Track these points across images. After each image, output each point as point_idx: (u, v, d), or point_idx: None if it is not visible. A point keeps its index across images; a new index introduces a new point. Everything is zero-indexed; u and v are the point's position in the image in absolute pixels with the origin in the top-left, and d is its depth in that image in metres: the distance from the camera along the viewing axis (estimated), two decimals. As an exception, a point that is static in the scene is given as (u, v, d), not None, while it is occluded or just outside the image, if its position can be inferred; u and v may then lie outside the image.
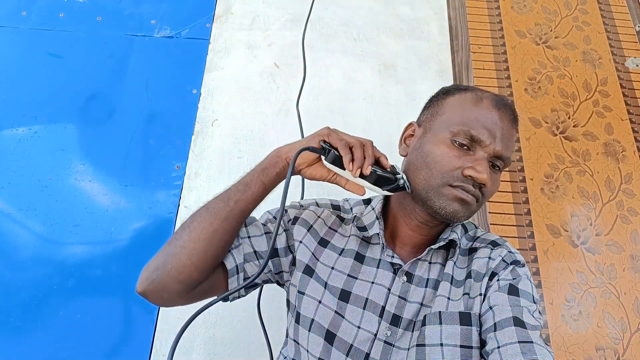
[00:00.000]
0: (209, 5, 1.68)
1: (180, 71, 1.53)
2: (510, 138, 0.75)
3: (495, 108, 0.74)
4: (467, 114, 0.74)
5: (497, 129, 0.73)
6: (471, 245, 0.81)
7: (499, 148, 0.72)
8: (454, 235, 0.78)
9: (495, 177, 0.75)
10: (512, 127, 0.75)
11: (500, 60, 1.65)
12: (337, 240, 0.82)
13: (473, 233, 0.83)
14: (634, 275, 1.30)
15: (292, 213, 0.84)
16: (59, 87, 1.47)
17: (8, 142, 1.38)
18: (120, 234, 1.27)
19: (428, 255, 0.78)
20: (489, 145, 0.72)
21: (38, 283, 1.20)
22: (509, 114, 0.75)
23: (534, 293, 0.73)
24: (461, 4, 1.76)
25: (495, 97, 0.76)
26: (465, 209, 0.72)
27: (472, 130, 0.72)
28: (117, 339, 1.15)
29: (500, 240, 0.81)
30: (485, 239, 0.81)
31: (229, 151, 1.41)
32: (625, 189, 1.43)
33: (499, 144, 0.72)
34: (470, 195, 0.72)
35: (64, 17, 1.60)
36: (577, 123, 1.53)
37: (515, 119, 0.77)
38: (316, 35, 1.64)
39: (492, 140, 0.72)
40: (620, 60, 1.66)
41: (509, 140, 0.74)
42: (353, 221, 0.83)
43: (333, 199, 0.90)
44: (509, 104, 0.77)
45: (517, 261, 0.76)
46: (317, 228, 0.82)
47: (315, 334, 0.74)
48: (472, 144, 0.73)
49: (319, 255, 0.80)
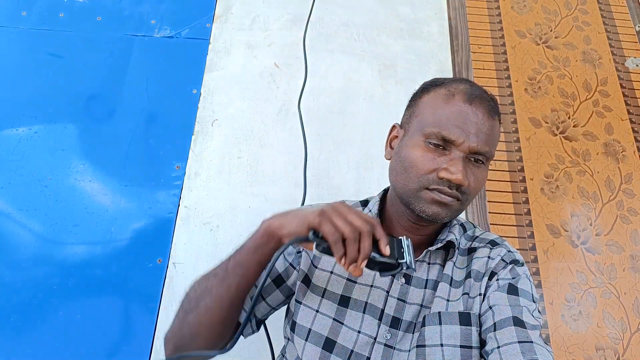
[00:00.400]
0: (209, 5, 1.68)
1: (180, 71, 1.53)
2: (490, 130, 0.72)
3: (467, 103, 0.71)
4: (439, 113, 0.72)
5: (471, 125, 0.70)
6: (470, 245, 0.80)
7: (474, 144, 0.70)
8: (452, 236, 0.77)
9: (477, 172, 0.72)
10: (489, 118, 0.72)
11: (500, 60, 1.65)
12: None
13: (472, 233, 0.83)
14: (634, 275, 1.30)
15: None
16: (59, 87, 1.47)
17: (8, 142, 1.38)
18: (120, 234, 1.27)
19: (426, 257, 0.77)
20: (462, 143, 0.70)
21: (38, 283, 1.20)
22: (484, 105, 0.72)
23: (533, 292, 0.73)
24: (461, 4, 1.76)
25: (469, 89, 0.73)
26: (446, 210, 0.71)
27: (443, 131, 0.70)
28: (117, 339, 1.15)
29: (499, 239, 0.81)
30: (484, 239, 0.81)
31: (229, 151, 1.41)
32: (625, 189, 1.43)
33: (473, 140, 0.70)
34: (448, 197, 0.70)
35: (64, 17, 1.60)
36: (577, 123, 1.53)
37: (493, 109, 0.73)
38: (316, 35, 1.64)
39: (466, 138, 0.70)
40: (620, 60, 1.66)
41: (487, 132, 0.71)
42: None
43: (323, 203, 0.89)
44: (484, 95, 0.74)
45: (516, 260, 0.76)
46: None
47: (313, 343, 0.74)
48: (446, 144, 0.71)
49: (317, 262, 0.80)
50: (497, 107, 0.74)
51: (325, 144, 1.44)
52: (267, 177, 1.38)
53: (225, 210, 1.32)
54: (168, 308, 1.19)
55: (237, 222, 1.30)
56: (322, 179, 1.38)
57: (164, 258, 1.25)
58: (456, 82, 0.76)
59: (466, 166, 0.70)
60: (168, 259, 1.25)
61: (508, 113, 1.55)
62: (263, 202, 1.34)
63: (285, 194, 1.35)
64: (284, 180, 1.37)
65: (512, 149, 1.48)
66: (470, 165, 0.71)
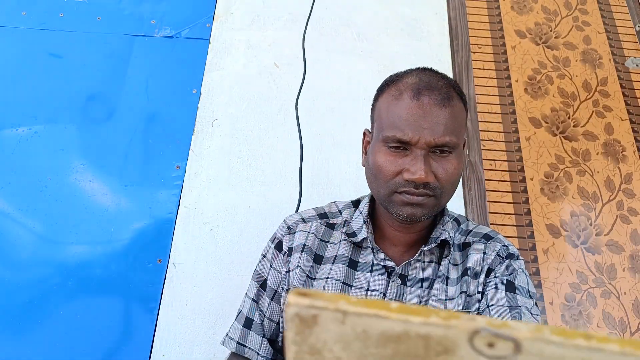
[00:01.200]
0: (209, 5, 1.68)
1: (180, 71, 1.53)
2: (446, 118, 0.68)
3: (414, 98, 0.69)
4: (391, 114, 0.71)
5: (422, 120, 0.68)
6: (464, 240, 0.80)
7: (430, 139, 0.67)
8: (446, 234, 0.76)
9: (446, 163, 0.70)
10: (441, 107, 0.69)
11: (500, 60, 1.65)
12: (330, 252, 0.81)
13: (465, 226, 0.82)
14: (634, 275, 1.30)
15: (285, 244, 0.83)
16: (59, 87, 1.47)
17: (8, 142, 1.38)
18: (120, 234, 1.27)
19: (421, 255, 0.77)
20: (418, 141, 0.68)
21: (38, 283, 1.20)
22: (434, 95, 0.69)
23: (530, 287, 0.73)
24: (461, 4, 1.76)
25: (416, 82, 0.71)
26: (421, 210, 0.70)
27: (397, 134, 0.69)
28: (117, 339, 1.15)
29: (493, 232, 0.80)
30: (478, 232, 0.80)
31: (229, 151, 1.41)
32: (625, 189, 1.43)
33: (428, 135, 0.67)
34: (417, 196, 0.69)
35: (64, 17, 1.60)
36: (577, 123, 1.53)
37: (445, 96, 0.69)
38: (316, 35, 1.64)
39: (420, 135, 0.68)
40: (620, 60, 1.66)
41: (443, 123, 0.68)
42: (343, 226, 0.82)
43: (318, 206, 0.88)
44: (433, 83, 0.70)
45: (512, 254, 0.76)
46: (310, 245, 0.81)
47: None
48: (405, 144, 0.69)
49: (314, 274, 0.79)
50: (450, 92, 0.70)
51: (324, 144, 1.44)
52: (267, 177, 1.38)
53: (225, 210, 1.32)
54: (168, 308, 1.19)
55: (237, 222, 1.31)
56: (321, 179, 1.38)
57: (164, 258, 1.25)
58: (406, 76, 0.73)
59: (429, 161, 0.69)
60: (168, 259, 1.25)
61: (508, 113, 1.55)
62: (263, 202, 1.34)
63: (285, 194, 1.35)
64: (283, 180, 1.37)
65: (512, 149, 1.48)
66: (436, 158, 0.69)
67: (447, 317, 0.20)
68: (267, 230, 0.87)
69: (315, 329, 0.22)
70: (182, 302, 1.20)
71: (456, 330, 0.20)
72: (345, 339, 0.22)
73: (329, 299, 0.22)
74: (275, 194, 1.35)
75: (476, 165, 1.45)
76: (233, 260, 1.25)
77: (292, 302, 0.22)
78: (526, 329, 0.20)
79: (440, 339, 0.21)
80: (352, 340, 0.22)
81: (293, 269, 0.79)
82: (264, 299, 0.83)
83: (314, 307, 0.22)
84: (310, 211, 0.87)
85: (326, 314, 0.22)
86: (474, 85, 1.59)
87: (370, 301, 0.22)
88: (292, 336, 0.23)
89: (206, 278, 1.22)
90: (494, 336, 0.20)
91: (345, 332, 0.22)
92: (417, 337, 0.21)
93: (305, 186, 1.35)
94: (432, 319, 0.20)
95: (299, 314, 0.22)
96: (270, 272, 0.83)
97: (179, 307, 1.19)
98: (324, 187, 1.37)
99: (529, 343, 0.19)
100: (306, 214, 0.86)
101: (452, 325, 0.20)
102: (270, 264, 0.84)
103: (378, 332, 0.21)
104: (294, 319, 0.22)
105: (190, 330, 1.17)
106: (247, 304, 0.84)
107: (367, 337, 0.22)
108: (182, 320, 1.18)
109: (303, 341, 0.23)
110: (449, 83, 0.73)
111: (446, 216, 0.80)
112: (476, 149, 1.47)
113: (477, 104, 1.56)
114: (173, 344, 1.15)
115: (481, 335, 0.20)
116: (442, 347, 0.21)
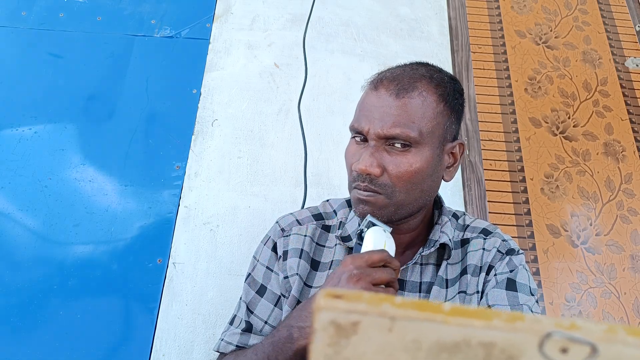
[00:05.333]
0: (209, 5, 1.68)
1: (180, 71, 1.53)
2: (399, 110, 0.65)
3: (374, 90, 0.68)
4: (358, 105, 0.71)
5: (375, 110, 0.66)
6: (462, 236, 0.77)
7: (378, 130, 0.65)
8: (445, 237, 0.73)
9: (399, 158, 0.66)
10: (397, 98, 0.66)
11: (500, 60, 1.65)
12: (326, 257, 0.78)
13: (462, 221, 0.79)
14: (634, 275, 1.30)
15: (279, 247, 0.80)
16: (59, 87, 1.47)
17: (8, 142, 1.37)
18: (120, 234, 1.27)
19: (419, 259, 0.74)
20: (368, 130, 0.66)
21: (38, 283, 1.20)
22: (392, 86, 0.67)
23: (531, 283, 0.71)
24: (461, 4, 1.76)
25: (382, 74, 0.70)
26: (370, 208, 0.67)
27: (355, 123, 0.69)
28: (117, 339, 1.15)
29: (491, 227, 0.78)
30: (476, 227, 0.78)
31: (229, 151, 1.41)
32: (625, 189, 1.43)
33: (378, 126, 0.65)
34: (363, 191, 0.66)
35: (64, 17, 1.60)
36: (577, 123, 1.53)
37: (404, 87, 0.66)
38: (316, 35, 1.64)
39: (371, 125, 0.66)
40: (620, 60, 1.66)
41: (395, 114, 0.65)
42: (338, 228, 0.79)
43: (312, 206, 0.86)
44: (399, 76, 0.68)
45: (512, 249, 0.74)
46: (306, 249, 0.78)
47: None
48: (363, 135, 0.68)
49: (311, 281, 0.76)
50: (414, 84, 0.67)
51: (325, 144, 1.44)
52: (267, 177, 1.38)
53: (225, 210, 1.32)
54: (168, 308, 1.19)
55: (237, 222, 1.31)
56: (322, 179, 1.38)
57: (164, 258, 1.25)
58: (384, 71, 0.72)
59: (380, 154, 0.66)
60: (168, 259, 1.25)
61: (508, 113, 1.55)
62: (263, 202, 1.34)
63: (285, 194, 1.35)
64: (284, 180, 1.37)
65: (512, 149, 1.48)
66: (392, 153, 0.66)
67: (512, 319, 0.17)
68: (267, 231, 0.86)
69: (354, 339, 0.18)
70: (182, 302, 1.20)
71: (524, 335, 0.17)
72: (390, 350, 0.18)
73: (371, 301, 0.18)
74: (275, 194, 1.35)
75: (476, 165, 1.45)
76: (233, 260, 1.25)
77: (325, 306, 0.18)
78: (598, 330, 0.17)
79: (505, 346, 0.17)
80: (398, 351, 0.18)
81: (292, 274, 0.76)
82: (262, 304, 0.79)
83: (355, 312, 0.17)
84: (305, 212, 0.83)
85: (370, 319, 0.18)
86: (474, 85, 1.59)
87: (420, 303, 0.18)
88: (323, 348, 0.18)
89: (206, 278, 1.22)
90: (568, 340, 0.17)
91: (390, 342, 0.18)
92: (478, 346, 0.17)
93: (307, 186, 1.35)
94: (495, 322, 0.17)
95: (335, 321, 0.18)
96: (272, 277, 0.79)
97: (179, 307, 1.19)
98: (325, 187, 1.37)
99: (606, 347, 0.17)
100: (300, 215, 0.83)
101: (519, 329, 0.17)
102: (266, 266, 0.80)
103: (432, 341, 0.17)
104: (327, 327, 0.18)
105: (190, 330, 1.17)
106: (243, 308, 0.81)
107: (417, 347, 0.17)
108: (182, 320, 1.18)
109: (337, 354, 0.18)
110: (424, 75, 0.69)
111: (444, 216, 0.77)
112: (476, 149, 1.47)
113: (477, 104, 1.56)
114: (173, 344, 1.15)
115: (553, 339, 0.17)
116: (506, 355, 0.17)
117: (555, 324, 0.17)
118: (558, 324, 0.17)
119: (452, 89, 0.70)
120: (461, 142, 0.72)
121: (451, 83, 0.71)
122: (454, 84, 0.72)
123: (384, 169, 0.66)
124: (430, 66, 0.73)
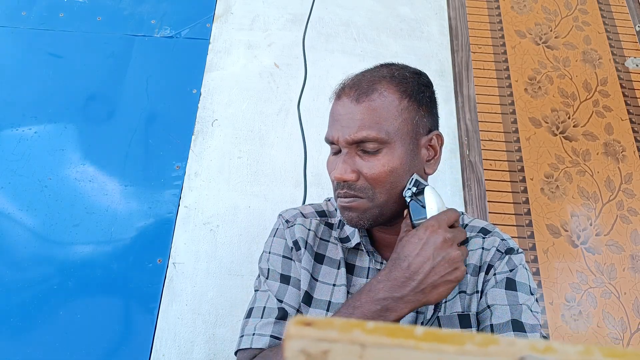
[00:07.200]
0: (209, 5, 1.68)
1: (180, 71, 1.53)
2: (361, 114, 0.66)
3: (337, 99, 0.70)
4: (329, 117, 0.72)
5: (340, 118, 0.68)
6: None
7: (346, 136, 0.66)
8: None
9: (372, 160, 0.67)
10: (357, 103, 0.67)
11: (500, 60, 1.65)
12: (331, 252, 0.78)
13: (461, 220, 0.80)
14: (634, 275, 1.30)
15: (288, 237, 0.79)
16: (59, 87, 1.47)
17: (8, 142, 1.38)
18: (120, 234, 1.27)
19: None
20: (338, 139, 0.68)
21: (38, 283, 1.20)
22: (352, 93, 0.68)
23: (531, 283, 0.71)
24: (461, 4, 1.76)
25: (346, 82, 0.71)
26: (354, 213, 0.68)
27: (327, 134, 0.70)
28: (117, 339, 1.15)
29: (490, 226, 0.78)
30: (475, 227, 0.78)
31: (229, 151, 1.41)
32: (625, 189, 1.43)
33: (346, 133, 0.66)
34: (344, 198, 0.68)
35: (64, 17, 1.60)
36: (577, 123, 1.53)
37: (363, 91, 0.67)
38: (316, 35, 1.64)
39: (339, 133, 0.67)
40: (620, 60, 1.66)
41: (358, 118, 0.66)
42: (338, 227, 0.80)
43: (315, 203, 0.86)
44: (357, 81, 0.70)
45: (511, 249, 0.74)
46: (311, 242, 0.78)
47: None
48: (336, 145, 0.69)
49: (317, 274, 0.77)
50: (373, 87, 0.68)
51: (325, 144, 1.43)
52: (267, 177, 1.38)
53: (225, 210, 1.32)
54: (168, 308, 1.19)
55: (237, 222, 1.31)
56: (322, 179, 1.38)
57: (164, 258, 1.25)
58: (345, 79, 0.73)
59: (353, 160, 0.67)
60: (168, 259, 1.25)
61: (508, 113, 1.55)
62: (263, 202, 1.34)
63: (285, 194, 1.35)
64: (284, 180, 1.37)
65: (512, 149, 1.48)
66: (364, 157, 0.67)
67: (485, 343, 0.17)
68: (267, 231, 0.86)
69: None
70: (182, 302, 1.20)
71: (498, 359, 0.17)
72: None
73: (341, 328, 0.17)
74: (275, 194, 1.35)
75: (476, 165, 1.45)
76: (233, 260, 1.25)
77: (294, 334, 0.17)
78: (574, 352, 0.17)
79: None
80: None
81: (303, 267, 0.77)
82: (290, 291, 0.76)
83: (324, 340, 0.17)
84: (308, 207, 0.84)
85: (340, 347, 0.17)
86: (474, 85, 1.59)
87: (391, 328, 0.17)
88: None
89: (206, 278, 1.22)
90: None
91: None
92: None
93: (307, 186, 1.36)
94: (468, 346, 0.17)
95: (305, 350, 0.17)
96: (292, 265, 0.78)
97: (179, 307, 1.19)
98: (325, 187, 1.37)
99: None
100: (304, 209, 0.84)
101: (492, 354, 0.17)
102: (282, 256, 0.79)
103: None
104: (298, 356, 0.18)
105: (190, 330, 1.17)
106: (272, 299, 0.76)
107: None
108: (182, 320, 1.18)
109: None
110: (384, 76, 0.70)
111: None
112: (476, 149, 1.47)
113: (477, 104, 1.56)
114: (173, 344, 1.15)
115: None
116: None
117: (530, 347, 0.17)
118: (532, 347, 0.17)
119: (415, 84, 0.71)
120: (438, 133, 0.72)
121: (414, 77, 0.72)
122: (419, 78, 0.72)
123: (360, 173, 0.67)
124: (394, 65, 0.74)
